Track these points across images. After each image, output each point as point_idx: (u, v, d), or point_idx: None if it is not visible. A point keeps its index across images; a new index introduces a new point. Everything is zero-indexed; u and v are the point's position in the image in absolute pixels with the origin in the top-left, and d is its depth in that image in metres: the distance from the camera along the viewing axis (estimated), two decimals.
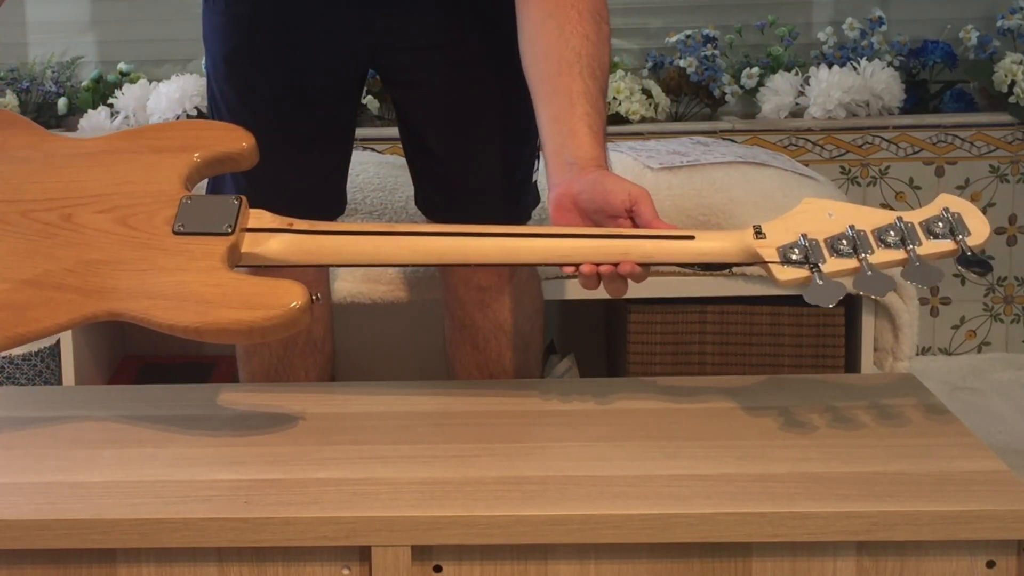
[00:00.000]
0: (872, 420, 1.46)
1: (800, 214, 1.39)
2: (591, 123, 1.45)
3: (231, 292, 1.35)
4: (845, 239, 1.36)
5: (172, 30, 3.18)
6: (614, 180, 1.42)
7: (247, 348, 1.82)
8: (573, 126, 1.45)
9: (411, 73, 1.69)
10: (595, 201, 1.41)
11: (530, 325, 1.81)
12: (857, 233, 1.36)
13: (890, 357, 2.06)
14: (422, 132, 1.72)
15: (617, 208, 1.40)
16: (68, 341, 2.08)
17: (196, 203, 1.44)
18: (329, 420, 1.50)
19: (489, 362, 1.79)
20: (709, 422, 1.46)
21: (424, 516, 1.22)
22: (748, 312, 2.08)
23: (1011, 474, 1.29)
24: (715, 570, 1.24)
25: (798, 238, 1.36)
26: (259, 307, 1.33)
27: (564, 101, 1.46)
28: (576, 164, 1.43)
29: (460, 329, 1.80)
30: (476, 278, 1.74)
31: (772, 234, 1.37)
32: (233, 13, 1.68)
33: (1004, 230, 3.08)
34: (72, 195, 1.46)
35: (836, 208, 1.39)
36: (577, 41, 1.48)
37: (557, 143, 1.46)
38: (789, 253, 1.36)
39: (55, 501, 1.27)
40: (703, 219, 2.05)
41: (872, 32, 3.12)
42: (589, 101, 1.46)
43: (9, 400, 1.59)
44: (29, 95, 3.16)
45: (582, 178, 1.42)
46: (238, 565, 1.24)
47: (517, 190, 1.73)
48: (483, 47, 1.67)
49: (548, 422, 1.50)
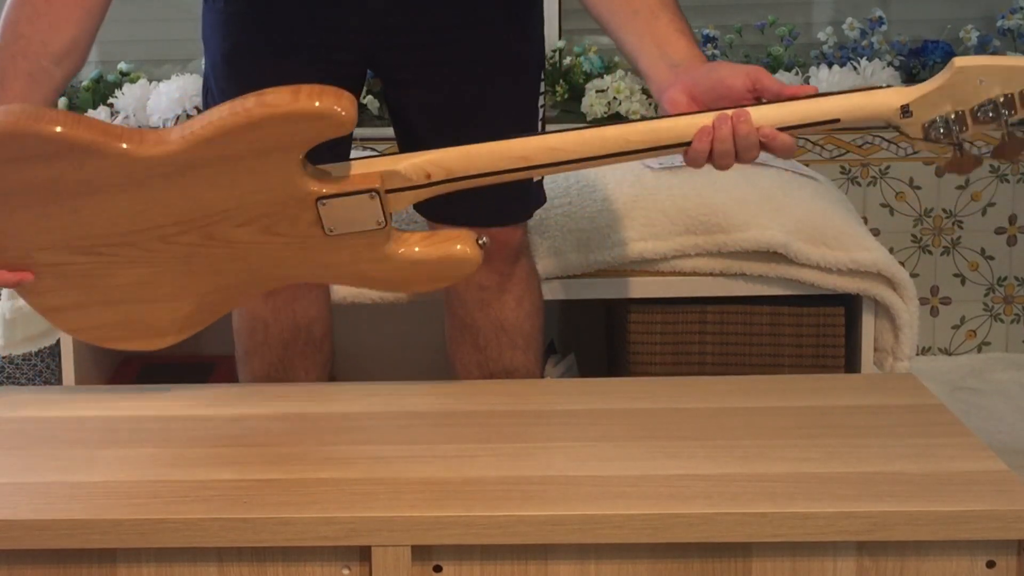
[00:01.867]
0: (872, 420, 1.46)
1: (951, 83, 1.38)
2: (679, 27, 1.48)
3: (411, 276, 1.50)
4: (992, 106, 1.36)
5: (172, 30, 3.18)
6: (727, 66, 1.42)
7: (247, 348, 1.82)
8: (663, 34, 1.47)
9: (409, 72, 1.69)
10: (714, 90, 1.41)
11: (531, 324, 1.81)
12: (1006, 97, 1.36)
13: (890, 357, 2.06)
14: (419, 132, 1.71)
15: (739, 91, 1.40)
16: (68, 341, 2.08)
17: (335, 205, 1.43)
18: (329, 420, 1.50)
19: (490, 361, 1.79)
20: (709, 422, 1.46)
21: (424, 516, 1.22)
22: (748, 312, 2.07)
23: (1011, 474, 1.28)
24: (715, 570, 1.24)
25: (941, 115, 1.37)
26: (440, 279, 1.51)
27: (647, 16, 1.48)
28: (680, 65, 1.44)
29: (461, 328, 1.80)
30: (477, 277, 1.74)
31: (918, 111, 1.37)
32: (232, 11, 1.68)
33: (1004, 230, 3.08)
34: (199, 215, 1.44)
35: (987, 72, 1.37)
36: None
37: (653, 54, 1.47)
38: (932, 132, 1.37)
39: (55, 501, 1.27)
40: (704, 219, 2.05)
41: (872, 32, 3.12)
42: (669, 10, 1.48)
43: (9, 400, 1.59)
44: None
45: (692, 72, 1.43)
46: (238, 565, 1.24)
47: (518, 190, 1.72)
48: (483, 45, 1.67)
49: (548, 422, 1.50)
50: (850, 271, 2.02)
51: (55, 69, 1.52)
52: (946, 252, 3.09)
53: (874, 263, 2.01)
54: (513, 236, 1.76)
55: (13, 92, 1.49)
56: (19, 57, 1.50)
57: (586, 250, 2.07)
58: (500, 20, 1.64)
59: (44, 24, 1.51)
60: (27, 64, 1.50)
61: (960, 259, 3.09)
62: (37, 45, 1.51)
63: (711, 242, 2.04)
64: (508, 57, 1.67)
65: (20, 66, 1.50)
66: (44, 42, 1.51)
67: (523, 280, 1.79)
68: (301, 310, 1.78)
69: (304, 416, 1.51)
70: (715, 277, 2.06)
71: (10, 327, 2.09)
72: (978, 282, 3.09)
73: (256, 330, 1.80)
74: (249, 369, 1.82)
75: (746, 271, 2.05)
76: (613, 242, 2.06)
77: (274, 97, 1.39)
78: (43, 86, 1.51)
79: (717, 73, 1.42)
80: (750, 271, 2.05)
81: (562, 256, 2.05)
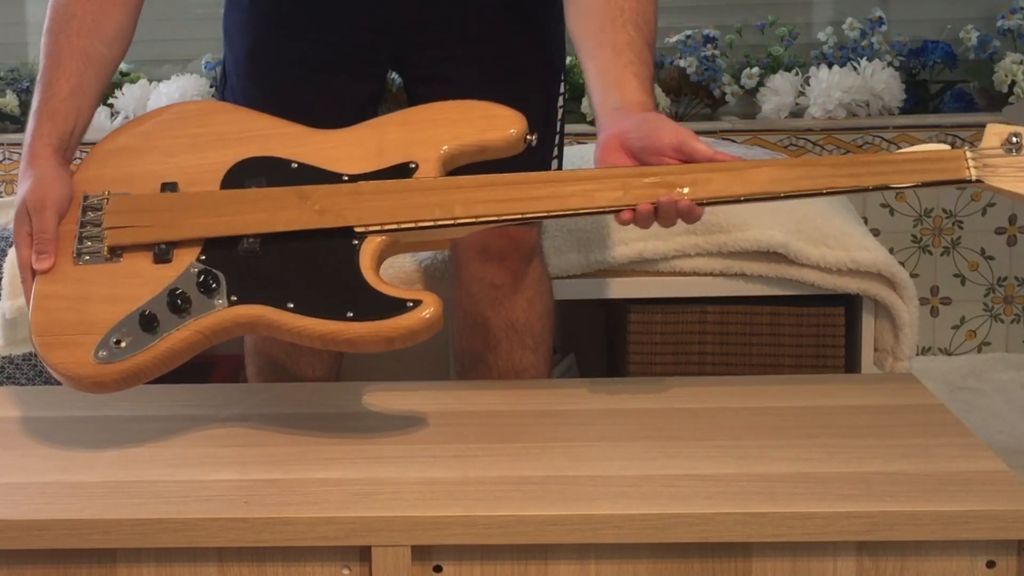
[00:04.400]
0: (872, 420, 1.46)
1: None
2: (637, 71, 1.45)
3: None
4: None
5: (172, 30, 3.18)
6: (663, 119, 1.41)
7: (256, 342, 1.81)
8: (619, 75, 1.45)
9: (432, 70, 1.69)
10: (643, 139, 1.40)
11: (542, 325, 1.81)
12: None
13: (890, 357, 2.06)
14: None
15: (664, 144, 1.39)
16: None
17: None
18: (329, 420, 1.50)
19: (499, 360, 1.79)
20: (709, 422, 1.46)
21: (424, 516, 1.22)
22: (748, 312, 2.07)
23: (1011, 474, 1.28)
24: (715, 570, 1.24)
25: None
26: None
27: (609, 53, 1.46)
28: (623, 108, 1.43)
29: (471, 326, 1.80)
30: (490, 276, 1.74)
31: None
32: (258, 9, 1.70)
33: (1004, 230, 3.08)
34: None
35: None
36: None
37: (603, 94, 1.45)
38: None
39: (55, 501, 1.27)
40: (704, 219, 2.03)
41: (872, 32, 3.12)
42: (634, 51, 1.46)
43: (9, 400, 1.59)
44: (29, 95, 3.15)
45: (629, 118, 1.41)
46: (238, 565, 1.24)
47: None
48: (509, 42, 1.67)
49: (548, 422, 1.50)
50: (850, 271, 2.02)
51: (106, 51, 1.53)
52: (946, 252, 3.09)
53: (874, 263, 2.01)
54: (528, 235, 1.75)
55: (69, 69, 1.49)
56: (74, 36, 1.51)
57: (586, 250, 2.07)
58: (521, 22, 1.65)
59: (94, 5, 1.52)
60: (81, 42, 1.51)
61: (960, 259, 3.09)
62: (90, 24, 1.52)
63: (711, 242, 2.04)
64: (529, 59, 1.67)
65: (75, 44, 1.51)
66: (96, 22, 1.52)
67: (536, 281, 1.79)
68: None
69: (304, 416, 1.51)
70: (715, 277, 2.06)
71: (10, 327, 2.10)
72: (978, 282, 3.09)
73: None
74: (257, 363, 1.82)
75: (746, 271, 2.05)
76: (613, 242, 2.06)
77: None
78: (96, 66, 1.51)
79: (650, 123, 1.41)
80: (750, 271, 2.05)
81: (562, 256, 2.05)
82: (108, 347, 1.35)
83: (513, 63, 1.68)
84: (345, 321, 1.34)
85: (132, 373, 1.36)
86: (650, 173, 1.39)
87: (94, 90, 1.52)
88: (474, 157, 1.46)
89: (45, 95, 1.49)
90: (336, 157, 1.45)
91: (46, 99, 1.48)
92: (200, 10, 3.22)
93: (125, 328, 1.36)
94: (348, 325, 1.34)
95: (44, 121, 1.48)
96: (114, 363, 1.35)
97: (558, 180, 1.44)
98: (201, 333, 1.36)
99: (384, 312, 1.33)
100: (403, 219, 1.39)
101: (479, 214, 1.40)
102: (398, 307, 1.33)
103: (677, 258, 2.06)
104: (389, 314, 1.33)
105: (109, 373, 1.35)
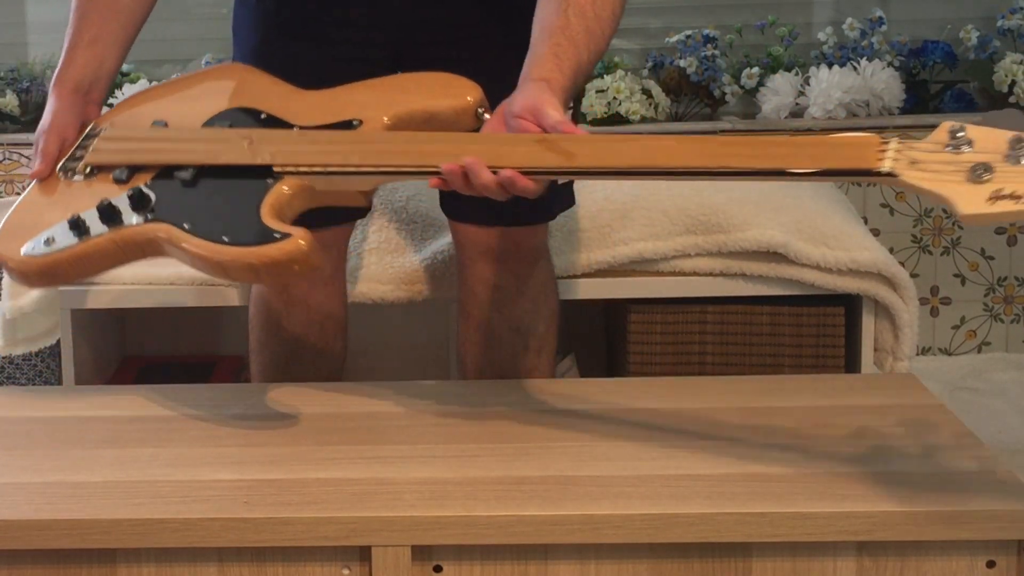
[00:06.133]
0: (872, 420, 1.46)
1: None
2: (559, 51, 1.43)
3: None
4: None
5: (172, 30, 3.18)
6: (540, 84, 1.38)
7: (260, 340, 1.82)
8: (540, 52, 1.44)
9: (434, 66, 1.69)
10: (508, 103, 1.39)
11: (546, 328, 1.80)
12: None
13: (890, 357, 2.06)
14: None
15: (518, 107, 1.37)
16: (68, 341, 2.08)
17: None
18: (329, 420, 1.50)
19: (503, 362, 1.78)
20: (709, 422, 1.46)
21: (424, 516, 1.22)
22: (748, 312, 2.07)
23: (1011, 474, 1.29)
24: (715, 570, 1.24)
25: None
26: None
27: (541, 33, 1.46)
28: (525, 79, 1.41)
29: (476, 328, 1.80)
30: (494, 278, 1.74)
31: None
32: (262, 9, 1.71)
33: (1004, 230, 3.08)
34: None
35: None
36: None
37: (523, 70, 1.44)
38: None
39: (55, 501, 1.27)
40: (703, 219, 2.05)
41: (872, 32, 3.12)
42: (565, 35, 1.44)
43: (9, 400, 1.60)
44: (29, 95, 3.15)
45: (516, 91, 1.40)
46: (238, 565, 1.24)
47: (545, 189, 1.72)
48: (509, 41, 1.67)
49: (548, 422, 1.50)
50: (850, 271, 2.02)
51: (131, 1, 1.62)
52: (946, 252, 3.09)
53: (874, 263, 2.01)
54: (532, 237, 1.75)
55: (92, 20, 1.61)
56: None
57: (586, 250, 2.07)
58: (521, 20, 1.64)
59: None
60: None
61: (960, 259, 3.09)
62: None
63: (711, 242, 2.04)
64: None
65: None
66: None
67: (541, 283, 1.79)
68: (315, 304, 1.78)
69: (304, 416, 1.51)
70: (715, 277, 2.06)
71: (10, 327, 2.10)
72: (978, 282, 3.09)
73: (270, 322, 1.80)
74: (260, 361, 1.82)
75: (746, 271, 2.05)
76: (613, 242, 2.06)
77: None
78: (121, 17, 1.62)
79: (518, 90, 1.40)
80: (750, 271, 2.05)
81: (562, 256, 2.05)
82: (38, 243, 1.47)
83: (514, 62, 1.68)
84: (219, 244, 1.39)
85: (49, 268, 1.47)
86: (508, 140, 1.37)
87: (119, 40, 1.63)
88: (425, 123, 1.49)
89: (69, 43, 1.62)
90: (300, 111, 1.53)
91: (70, 47, 1.62)
92: (200, 10, 3.22)
93: (59, 229, 1.47)
94: (219, 248, 1.39)
95: (65, 66, 1.61)
96: (36, 257, 1.47)
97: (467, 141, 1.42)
98: (114, 243, 1.45)
99: (253, 240, 1.37)
100: (314, 163, 1.43)
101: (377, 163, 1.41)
102: (266, 236, 1.37)
103: (677, 258, 2.06)
104: (257, 242, 1.37)
105: (31, 264, 1.47)
